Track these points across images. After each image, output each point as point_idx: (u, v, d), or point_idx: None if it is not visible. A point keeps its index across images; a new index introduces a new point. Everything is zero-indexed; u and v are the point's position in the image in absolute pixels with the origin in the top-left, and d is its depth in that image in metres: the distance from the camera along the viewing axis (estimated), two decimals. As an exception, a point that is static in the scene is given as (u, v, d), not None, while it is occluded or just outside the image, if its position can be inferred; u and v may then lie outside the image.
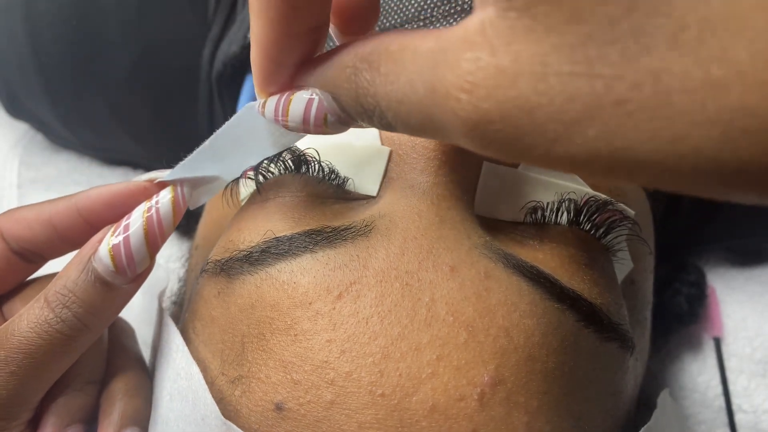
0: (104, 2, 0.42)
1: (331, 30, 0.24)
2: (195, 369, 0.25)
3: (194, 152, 0.25)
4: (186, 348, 0.26)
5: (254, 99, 0.40)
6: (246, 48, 0.41)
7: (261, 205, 0.27)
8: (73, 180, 0.52)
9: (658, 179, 0.13)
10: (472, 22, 0.15)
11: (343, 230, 0.25)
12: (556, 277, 0.24)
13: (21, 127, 0.54)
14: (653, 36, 0.12)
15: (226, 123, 0.24)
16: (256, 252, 0.25)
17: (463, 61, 0.15)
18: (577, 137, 0.14)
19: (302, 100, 0.22)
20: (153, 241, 0.24)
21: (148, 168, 0.53)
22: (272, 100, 0.23)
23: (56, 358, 0.24)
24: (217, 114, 0.46)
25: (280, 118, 0.22)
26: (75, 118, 0.48)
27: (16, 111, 0.50)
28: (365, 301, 0.23)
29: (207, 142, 0.25)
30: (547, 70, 0.13)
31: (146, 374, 0.29)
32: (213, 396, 0.25)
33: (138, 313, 0.41)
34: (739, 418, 0.40)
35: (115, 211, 0.26)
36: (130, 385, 0.28)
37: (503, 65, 0.14)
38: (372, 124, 0.20)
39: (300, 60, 0.22)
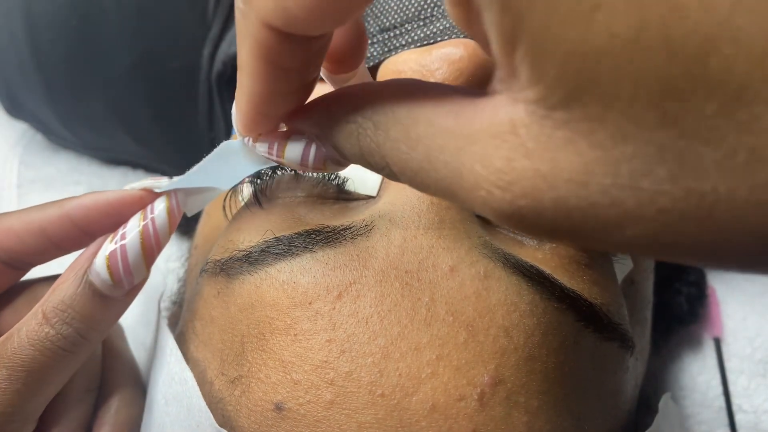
0: (104, 2, 0.42)
1: (322, 71, 0.23)
2: (189, 375, 0.25)
3: (185, 174, 0.24)
4: (179, 353, 0.27)
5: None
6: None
7: (260, 205, 0.27)
8: (72, 180, 0.52)
9: (694, 263, 0.14)
10: (499, 116, 0.14)
11: (342, 230, 0.25)
12: (556, 276, 0.24)
13: (20, 127, 0.54)
14: (702, 160, 0.12)
15: (207, 156, 0.24)
16: (256, 252, 0.25)
17: (496, 158, 0.14)
18: (615, 235, 0.14)
19: (299, 145, 0.20)
20: (149, 251, 0.24)
21: (148, 168, 0.53)
22: (263, 144, 0.21)
23: (58, 373, 0.24)
24: (217, 114, 0.45)
25: (274, 158, 0.21)
26: (75, 118, 0.48)
27: (16, 111, 0.50)
28: (365, 300, 0.23)
29: (195, 167, 0.24)
30: (590, 180, 0.13)
31: (140, 378, 0.29)
32: (213, 396, 0.25)
33: (136, 314, 0.41)
34: (739, 418, 0.40)
35: (110, 220, 0.25)
36: (125, 393, 0.28)
37: (541, 171, 0.14)
38: (378, 173, 0.19)
39: (290, 110, 0.21)
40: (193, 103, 0.46)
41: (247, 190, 0.29)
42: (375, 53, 0.31)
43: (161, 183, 0.25)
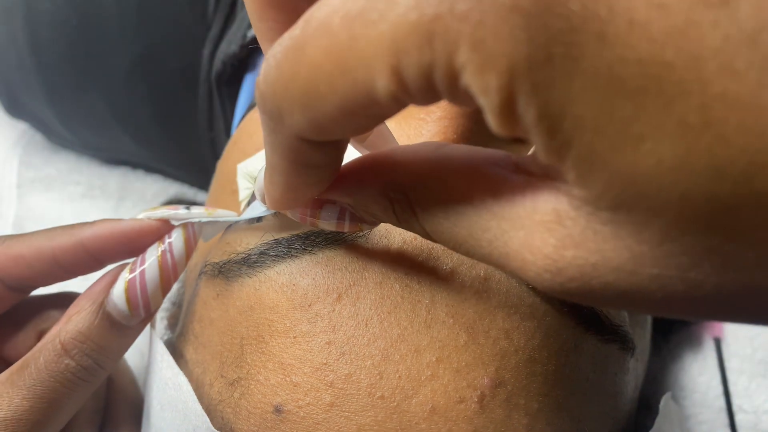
0: (104, 2, 0.42)
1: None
2: (183, 379, 0.25)
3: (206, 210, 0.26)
4: (171, 358, 0.27)
5: (251, 98, 0.40)
6: (245, 47, 0.41)
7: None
8: (72, 180, 0.52)
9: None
10: (542, 204, 0.15)
11: (342, 231, 0.25)
12: None
13: (20, 127, 0.54)
14: (745, 259, 0.13)
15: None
16: (255, 254, 0.25)
17: (544, 246, 0.15)
18: (661, 310, 0.15)
19: (333, 213, 0.21)
20: (167, 282, 0.24)
21: (148, 168, 0.53)
22: (294, 214, 0.22)
23: (76, 401, 0.25)
24: (217, 113, 0.45)
25: (308, 223, 0.22)
26: (74, 118, 0.48)
27: (16, 110, 0.50)
28: (365, 303, 0.23)
29: (221, 213, 0.25)
30: (638, 270, 0.14)
31: (138, 391, 0.29)
32: (212, 398, 0.25)
33: None
34: (739, 418, 0.40)
35: (125, 249, 0.25)
36: (131, 412, 0.28)
37: (590, 261, 0.14)
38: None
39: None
40: (193, 102, 0.46)
41: (243, 188, 0.29)
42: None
43: (179, 213, 0.25)
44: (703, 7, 0.11)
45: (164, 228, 0.25)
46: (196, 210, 0.26)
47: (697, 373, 0.42)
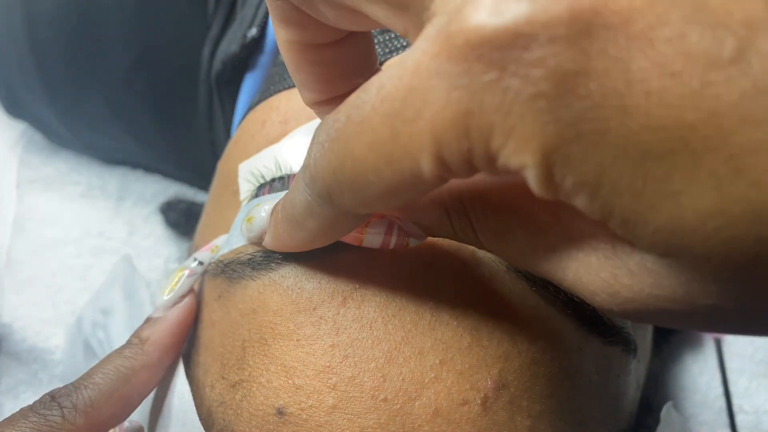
0: (104, 2, 0.42)
1: None
2: (186, 389, 0.25)
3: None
4: (182, 367, 0.26)
5: (252, 98, 0.40)
6: (245, 47, 0.41)
7: None
8: (72, 180, 0.52)
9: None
10: (600, 234, 0.16)
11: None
12: None
13: (20, 127, 0.54)
14: None
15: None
16: (259, 256, 0.25)
17: (602, 272, 0.16)
18: (716, 328, 0.16)
19: (380, 230, 0.22)
20: None
21: (148, 168, 0.53)
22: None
23: None
24: (217, 113, 0.45)
25: (350, 242, 0.23)
26: (74, 118, 0.48)
27: (16, 110, 0.50)
28: (369, 305, 0.23)
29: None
30: (695, 301, 0.15)
31: None
32: (213, 400, 0.25)
33: (125, 319, 0.41)
34: (740, 418, 0.40)
35: (181, 339, 0.27)
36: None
37: (646, 291, 0.15)
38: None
39: None
40: (193, 102, 0.46)
41: (246, 190, 0.29)
42: (376, 54, 0.30)
43: (195, 269, 0.27)
44: (715, 69, 0.12)
45: (193, 296, 0.28)
46: (202, 255, 0.28)
47: (698, 374, 0.42)
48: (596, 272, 0.16)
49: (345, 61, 0.21)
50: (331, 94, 0.21)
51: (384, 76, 0.15)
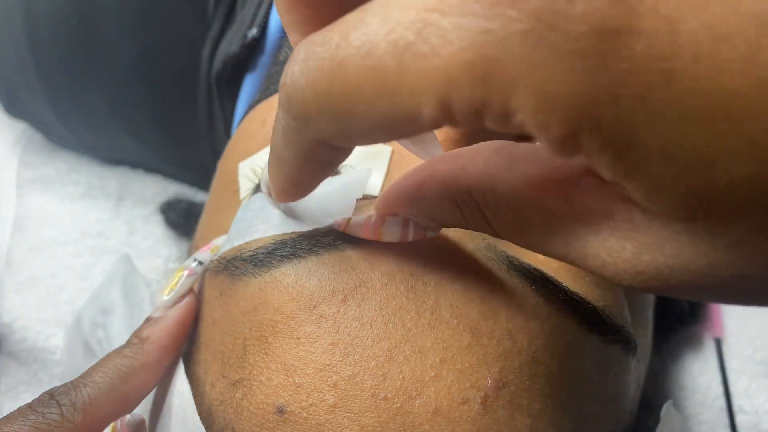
0: (104, 2, 0.42)
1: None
2: (186, 387, 0.25)
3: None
4: (182, 366, 0.26)
5: (252, 98, 0.40)
6: (246, 47, 0.41)
7: None
8: (72, 180, 0.52)
9: None
10: (617, 212, 0.15)
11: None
12: (559, 279, 0.24)
13: (20, 127, 0.54)
14: None
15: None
16: (262, 253, 0.25)
17: (621, 250, 0.15)
18: (738, 300, 0.16)
19: (397, 226, 0.21)
20: None
21: (148, 168, 0.53)
22: (356, 226, 0.23)
23: None
24: (217, 113, 0.45)
25: (370, 238, 0.22)
26: (74, 118, 0.48)
27: (15, 110, 0.50)
28: (370, 304, 0.23)
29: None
30: (714, 272, 0.14)
31: None
32: (214, 398, 0.25)
33: (123, 318, 0.41)
34: (740, 419, 0.40)
35: (183, 339, 0.28)
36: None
37: (668, 264, 0.15)
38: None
39: (382, 197, 0.22)
40: (193, 102, 0.46)
41: (246, 189, 0.29)
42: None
43: (195, 269, 0.27)
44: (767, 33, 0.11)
45: (192, 296, 0.27)
46: (202, 255, 0.28)
47: (698, 374, 0.42)
48: (617, 253, 0.16)
49: (340, 4, 0.20)
50: None
51: (395, 4, 0.14)
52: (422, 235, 0.22)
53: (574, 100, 0.12)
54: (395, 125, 0.14)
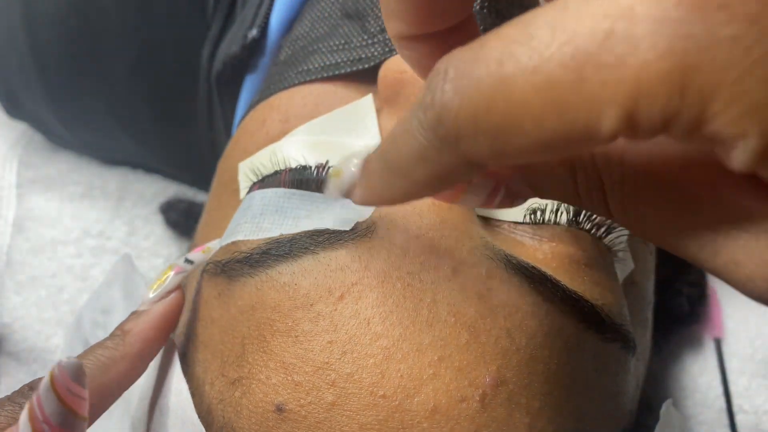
0: (104, 2, 0.42)
1: None
2: (184, 386, 0.25)
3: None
4: (179, 365, 0.26)
5: (251, 98, 0.40)
6: (246, 48, 0.41)
7: None
8: (72, 180, 0.52)
9: None
10: (760, 217, 0.15)
11: (344, 231, 0.25)
12: (558, 278, 0.24)
13: (20, 127, 0.54)
14: None
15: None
16: (257, 254, 0.25)
17: (762, 264, 0.15)
18: None
19: (484, 189, 0.19)
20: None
21: (148, 168, 0.53)
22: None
23: None
24: (217, 113, 0.45)
25: (444, 200, 0.21)
26: (74, 118, 0.48)
27: (16, 111, 0.50)
28: (367, 302, 0.23)
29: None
30: None
31: None
32: (213, 397, 0.25)
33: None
34: (739, 418, 0.40)
35: (166, 334, 0.28)
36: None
37: None
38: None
39: None
40: (193, 103, 0.46)
41: (245, 187, 0.29)
42: (376, 53, 0.31)
43: (185, 267, 0.27)
44: None
45: (180, 292, 0.28)
46: (193, 255, 0.28)
47: (698, 374, 0.42)
48: (760, 255, 0.14)
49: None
50: (423, 29, 0.19)
51: (569, 14, 0.13)
52: (509, 204, 0.20)
53: None
54: (564, 141, 0.14)
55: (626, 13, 0.12)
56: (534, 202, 0.26)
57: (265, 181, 0.28)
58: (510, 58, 0.13)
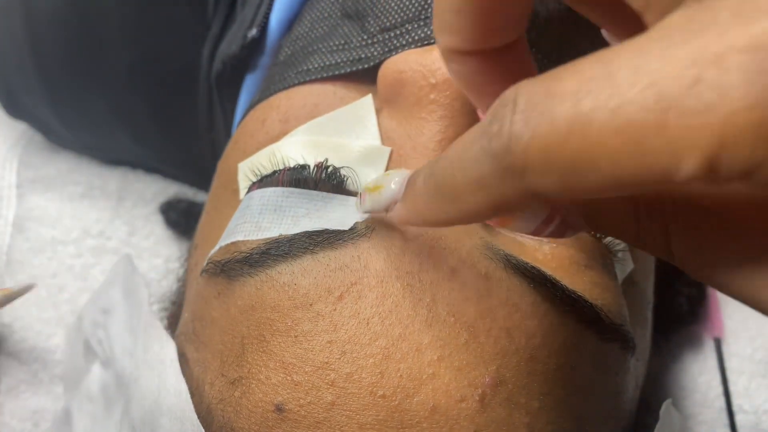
0: (104, 2, 0.42)
1: None
2: (184, 387, 0.25)
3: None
4: (178, 366, 0.26)
5: (251, 98, 0.40)
6: (245, 48, 0.41)
7: None
8: (72, 180, 0.52)
9: None
10: None
11: (343, 231, 0.25)
12: (557, 278, 0.24)
13: (20, 127, 0.54)
14: None
15: None
16: (256, 254, 0.25)
17: None
18: None
19: (537, 218, 0.19)
20: None
21: (148, 168, 0.53)
22: None
23: None
24: (217, 113, 0.45)
25: (492, 224, 0.20)
26: (74, 118, 0.48)
27: (16, 111, 0.50)
28: (366, 301, 0.23)
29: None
30: None
31: None
32: (213, 397, 0.25)
33: (122, 320, 0.41)
34: (739, 418, 0.40)
35: None
36: None
37: None
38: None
39: None
40: (193, 102, 0.46)
41: (244, 187, 0.29)
42: (375, 53, 0.30)
43: None
44: None
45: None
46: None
47: (698, 373, 0.42)
48: None
49: (510, 7, 0.18)
50: (477, 45, 0.19)
51: (653, 56, 0.13)
52: (560, 235, 0.20)
53: None
54: (638, 182, 0.13)
55: (719, 61, 0.12)
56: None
57: (263, 181, 0.28)
58: (588, 95, 0.13)
